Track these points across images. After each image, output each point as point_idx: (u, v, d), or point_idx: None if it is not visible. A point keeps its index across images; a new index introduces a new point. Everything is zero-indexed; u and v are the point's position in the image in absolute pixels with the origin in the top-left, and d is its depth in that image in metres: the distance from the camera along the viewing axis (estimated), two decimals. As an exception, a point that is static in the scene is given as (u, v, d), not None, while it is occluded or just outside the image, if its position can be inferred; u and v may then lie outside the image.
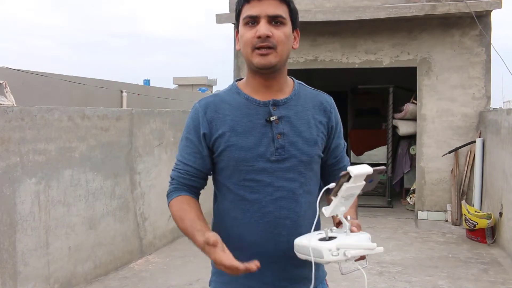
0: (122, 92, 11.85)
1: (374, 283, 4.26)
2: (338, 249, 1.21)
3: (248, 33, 1.42)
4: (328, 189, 1.28)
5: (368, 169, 1.25)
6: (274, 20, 1.41)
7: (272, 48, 1.40)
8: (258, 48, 1.40)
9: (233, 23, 7.26)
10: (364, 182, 1.27)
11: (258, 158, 1.43)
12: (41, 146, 3.75)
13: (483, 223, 5.41)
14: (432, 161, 6.81)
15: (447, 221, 6.61)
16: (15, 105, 6.32)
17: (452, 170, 6.69)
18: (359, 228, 1.33)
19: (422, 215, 6.81)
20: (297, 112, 1.48)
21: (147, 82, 18.94)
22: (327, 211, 1.28)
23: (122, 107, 11.39)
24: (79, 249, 4.13)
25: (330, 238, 1.27)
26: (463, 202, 6.10)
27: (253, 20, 1.41)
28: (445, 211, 6.70)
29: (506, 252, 5.05)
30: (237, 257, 1.45)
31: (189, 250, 5.11)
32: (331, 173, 1.60)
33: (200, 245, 1.34)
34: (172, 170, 1.54)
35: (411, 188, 7.54)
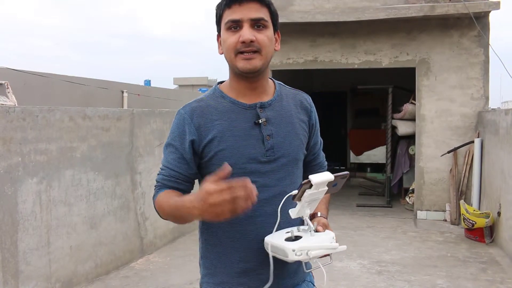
0: (123, 92, 11.88)
1: (373, 282, 4.29)
2: (301, 250, 1.30)
3: (231, 38, 1.41)
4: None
5: (329, 177, 1.33)
6: (257, 24, 1.41)
7: (256, 52, 1.41)
8: (242, 52, 1.41)
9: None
10: (326, 188, 1.36)
11: (249, 160, 1.45)
12: (42, 146, 3.78)
13: (481, 222, 5.43)
14: (431, 161, 6.84)
15: (446, 220, 6.65)
16: (16, 105, 6.35)
17: (451, 170, 6.72)
18: (325, 227, 1.42)
19: (421, 214, 6.85)
20: (282, 113, 1.52)
21: (147, 82, 18.97)
22: (293, 213, 1.37)
23: (123, 107, 11.42)
24: (80, 248, 4.16)
25: (296, 238, 1.36)
26: (462, 201, 6.13)
27: (236, 25, 1.41)
28: (444, 211, 6.73)
29: (504, 251, 5.08)
30: (232, 254, 1.48)
31: (189, 250, 5.14)
32: (309, 168, 1.66)
33: (193, 205, 1.23)
34: (158, 174, 1.54)
35: (410, 188, 7.57)
